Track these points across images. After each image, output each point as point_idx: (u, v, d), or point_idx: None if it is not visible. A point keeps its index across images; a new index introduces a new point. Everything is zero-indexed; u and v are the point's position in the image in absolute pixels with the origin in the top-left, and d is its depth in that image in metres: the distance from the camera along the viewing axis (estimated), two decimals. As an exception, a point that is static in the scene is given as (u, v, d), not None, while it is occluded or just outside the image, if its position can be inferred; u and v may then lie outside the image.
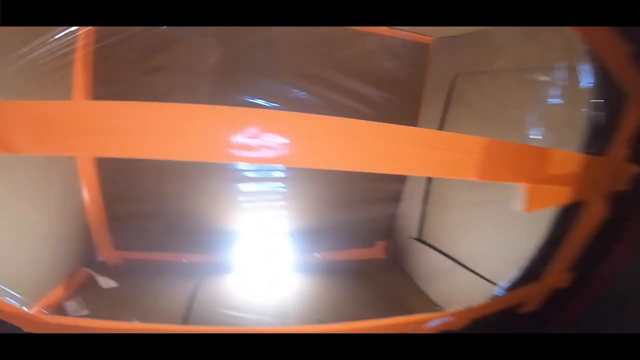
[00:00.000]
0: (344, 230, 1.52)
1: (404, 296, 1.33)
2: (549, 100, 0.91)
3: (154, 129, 0.48)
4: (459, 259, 1.21)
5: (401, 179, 1.54)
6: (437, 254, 1.31)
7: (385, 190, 1.54)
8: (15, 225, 0.99)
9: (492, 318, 0.85)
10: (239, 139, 0.49)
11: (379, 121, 0.55)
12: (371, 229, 1.60)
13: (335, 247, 1.55)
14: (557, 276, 0.84)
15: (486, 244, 1.11)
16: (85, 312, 1.10)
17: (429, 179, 1.41)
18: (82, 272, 1.27)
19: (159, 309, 1.15)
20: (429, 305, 1.26)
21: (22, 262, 0.99)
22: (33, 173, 1.05)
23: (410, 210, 1.51)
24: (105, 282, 1.25)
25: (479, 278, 1.10)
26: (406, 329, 0.78)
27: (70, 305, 1.11)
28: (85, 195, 1.29)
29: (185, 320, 1.11)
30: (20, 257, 0.99)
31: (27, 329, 0.70)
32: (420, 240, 1.44)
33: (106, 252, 1.37)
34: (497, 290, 0.97)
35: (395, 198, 1.57)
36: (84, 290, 1.21)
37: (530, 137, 0.92)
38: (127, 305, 1.15)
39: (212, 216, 1.43)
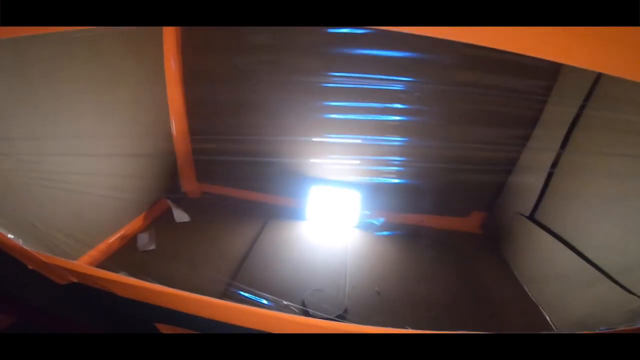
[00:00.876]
0: (437, 191, 1.26)
1: (493, 285, 1.06)
2: None
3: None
4: (584, 252, 0.88)
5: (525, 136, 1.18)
6: (552, 239, 0.97)
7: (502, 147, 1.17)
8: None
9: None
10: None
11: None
12: (470, 195, 1.30)
13: (422, 209, 1.31)
14: None
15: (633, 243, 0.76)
16: (153, 246, 1.15)
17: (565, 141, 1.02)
18: (162, 202, 1.35)
19: (224, 246, 1.15)
20: (525, 302, 0.98)
21: (106, 189, 1.04)
22: (128, 100, 1.10)
23: (528, 179, 1.16)
24: (179, 216, 1.30)
25: (609, 282, 0.77)
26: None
27: (142, 237, 1.17)
28: (173, 125, 1.33)
29: (244, 259, 1.08)
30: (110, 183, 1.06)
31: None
32: (532, 219, 1.09)
33: (189, 184, 1.42)
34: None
35: (512, 159, 1.23)
36: (159, 221, 1.29)
37: None
38: (194, 241, 1.18)
39: (295, 161, 1.34)
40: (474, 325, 0.48)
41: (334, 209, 1.29)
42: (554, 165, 1.04)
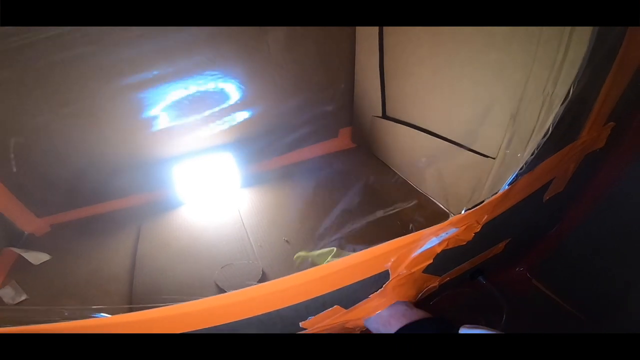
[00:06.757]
0: (298, 126, 1.27)
1: (385, 192, 1.13)
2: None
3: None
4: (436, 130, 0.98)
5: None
6: (407, 129, 1.08)
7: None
8: None
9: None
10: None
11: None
12: (333, 115, 1.35)
13: (291, 147, 1.32)
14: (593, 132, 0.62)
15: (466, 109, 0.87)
16: (24, 296, 0.95)
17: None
18: (8, 252, 1.09)
19: (102, 270, 1.00)
20: (415, 196, 1.07)
21: None
22: None
23: (367, 87, 1.24)
24: (36, 258, 1.07)
25: (466, 152, 0.87)
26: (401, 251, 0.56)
27: (6, 292, 0.95)
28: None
29: (131, 272, 0.97)
30: None
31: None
32: (385, 117, 1.19)
33: (29, 224, 1.16)
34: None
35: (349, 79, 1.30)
36: (17, 271, 1.04)
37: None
38: (67, 275, 0.99)
39: (140, 148, 1.16)
40: (388, 237, 0.51)
41: (208, 179, 1.21)
42: (381, 65, 1.13)
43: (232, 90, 1.12)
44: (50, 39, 0.86)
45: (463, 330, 0.51)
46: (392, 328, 0.60)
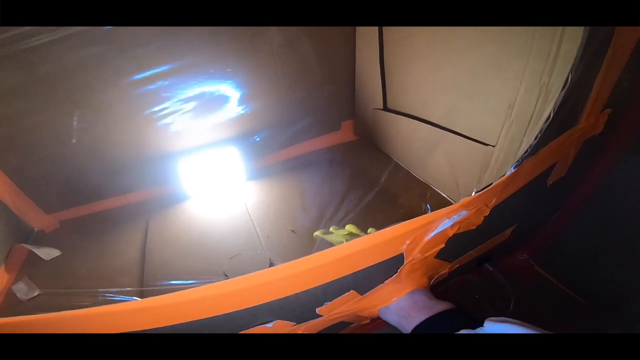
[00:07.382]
0: (301, 120, 1.28)
1: (389, 183, 1.13)
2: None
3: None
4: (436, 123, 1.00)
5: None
6: (408, 120, 1.10)
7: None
8: None
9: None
10: None
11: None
12: (335, 108, 1.37)
13: (294, 140, 1.35)
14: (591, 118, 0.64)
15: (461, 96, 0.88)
16: (37, 291, 0.97)
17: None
18: (19, 249, 1.11)
19: (112, 264, 1.02)
20: (418, 186, 1.09)
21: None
22: None
23: (368, 80, 1.26)
24: (47, 254, 1.09)
25: (463, 140, 0.89)
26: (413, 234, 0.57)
27: (19, 288, 0.97)
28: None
29: (142, 264, 0.99)
30: None
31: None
32: (386, 109, 1.21)
33: (38, 221, 1.18)
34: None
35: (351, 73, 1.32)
36: (28, 267, 1.07)
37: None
38: (77, 270, 1.02)
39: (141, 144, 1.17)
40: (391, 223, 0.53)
41: (214, 173, 1.23)
42: (381, 58, 1.15)
43: (236, 86, 1.14)
44: (59, 41, 0.87)
45: (488, 324, 0.49)
46: (413, 320, 0.59)
